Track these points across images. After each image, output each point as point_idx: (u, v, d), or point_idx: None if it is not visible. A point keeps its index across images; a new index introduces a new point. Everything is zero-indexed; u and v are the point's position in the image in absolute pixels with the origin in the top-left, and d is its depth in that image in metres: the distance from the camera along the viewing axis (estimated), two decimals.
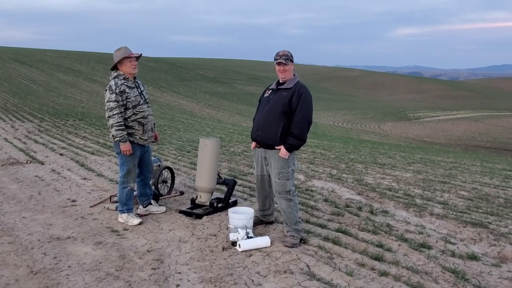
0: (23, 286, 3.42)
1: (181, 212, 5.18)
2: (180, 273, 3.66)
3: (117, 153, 4.93)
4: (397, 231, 4.75)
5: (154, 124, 5.14)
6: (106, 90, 4.73)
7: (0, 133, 11.98)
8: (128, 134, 4.76)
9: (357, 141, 22.15)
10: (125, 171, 4.85)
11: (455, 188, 7.29)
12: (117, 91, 4.63)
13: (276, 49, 4.33)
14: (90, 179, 6.85)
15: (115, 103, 4.62)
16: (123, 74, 4.76)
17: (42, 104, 21.54)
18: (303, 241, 4.29)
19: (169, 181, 6.10)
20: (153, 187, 5.68)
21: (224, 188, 5.63)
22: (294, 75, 4.32)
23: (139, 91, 4.86)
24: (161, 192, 5.84)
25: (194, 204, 5.25)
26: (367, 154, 12.42)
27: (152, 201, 5.30)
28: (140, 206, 5.23)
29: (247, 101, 57.08)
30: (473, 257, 4.07)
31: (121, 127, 4.66)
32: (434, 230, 4.88)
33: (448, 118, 54.77)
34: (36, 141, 10.57)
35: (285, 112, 4.18)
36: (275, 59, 4.24)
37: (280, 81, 4.32)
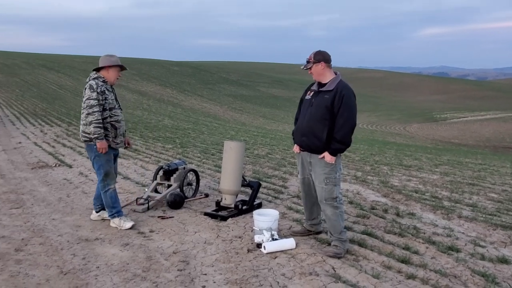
0: (54, 286, 3.50)
1: (206, 214, 5.22)
2: (205, 274, 3.69)
3: (92, 159, 4.92)
4: (424, 233, 4.68)
5: (125, 130, 5.17)
6: (85, 89, 4.79)
7: (29, 137, 12.32)
8: None
9: (382, 143, 21.88)
10: (103, 175, 4.88)
11: (484, 190, 7.13)
12: (98, 90, 4.73)
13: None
14: (116, 182, 6.94)
15: (95, 101, 4.69)
16: (103, 78, 4.86)
17: (69, 108, 22.02)
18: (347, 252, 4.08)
19: (194, 184, 6.15)
20: (178, 190, 5.74)
21: (249, 190, 5.65)
22: (335, 73, 4.12)
23: (115, 96, 4.98)
24: (186, 194, 5.89)
25: (219, 206, 5.28)
26: (392, 156, 12.27)
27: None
28: (93, 211, 5.19)
29: (270, 104, 57.12)
30: (503, 261, 3.97)
31: (99, 125, 4.71)
32: (463, 232, 4.78)
33: (476, 119, 53.63)
34: (64, 145, 10.82)
35: (329, 117, 3.99)
36: None
37: (322, 82, 4.14)
